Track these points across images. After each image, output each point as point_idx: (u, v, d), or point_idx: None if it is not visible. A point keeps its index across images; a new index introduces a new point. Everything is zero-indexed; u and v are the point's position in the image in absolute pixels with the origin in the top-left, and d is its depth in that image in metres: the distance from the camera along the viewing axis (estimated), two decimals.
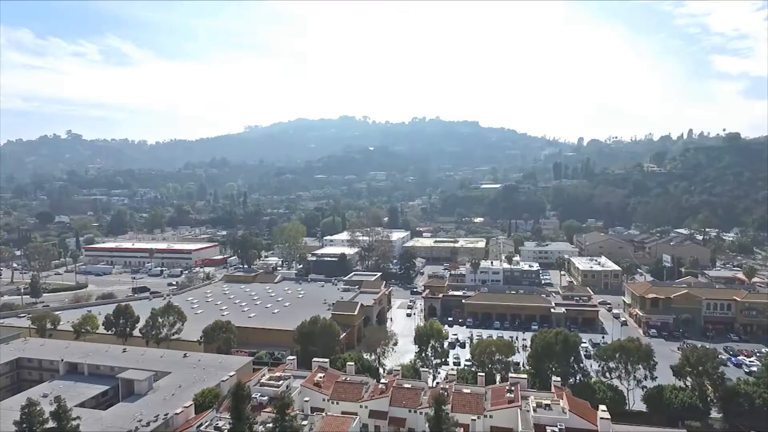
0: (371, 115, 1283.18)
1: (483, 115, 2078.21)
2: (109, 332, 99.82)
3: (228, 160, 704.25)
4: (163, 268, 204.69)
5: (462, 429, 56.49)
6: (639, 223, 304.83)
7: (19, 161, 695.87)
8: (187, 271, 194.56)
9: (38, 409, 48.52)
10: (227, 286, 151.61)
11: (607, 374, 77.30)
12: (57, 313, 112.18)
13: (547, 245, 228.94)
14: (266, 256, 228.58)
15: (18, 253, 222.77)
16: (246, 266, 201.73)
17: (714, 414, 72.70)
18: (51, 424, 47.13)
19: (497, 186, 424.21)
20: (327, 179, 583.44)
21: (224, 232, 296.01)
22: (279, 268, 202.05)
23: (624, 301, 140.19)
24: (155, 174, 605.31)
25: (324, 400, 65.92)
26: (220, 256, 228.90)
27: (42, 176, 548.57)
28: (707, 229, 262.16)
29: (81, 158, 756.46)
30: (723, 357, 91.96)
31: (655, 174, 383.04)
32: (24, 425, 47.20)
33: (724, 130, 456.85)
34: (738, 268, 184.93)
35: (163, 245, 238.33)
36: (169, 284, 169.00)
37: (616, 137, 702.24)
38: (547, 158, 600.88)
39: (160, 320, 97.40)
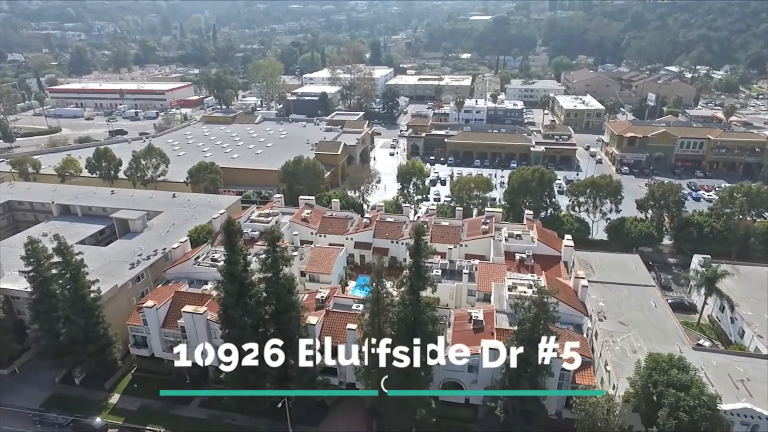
0: None
1: None
2: (93, 175, 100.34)
3: None
4: (138, 110, 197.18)
5: (439, 256, 62.25)
6: (630, 59, 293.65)
7: None
8: (163, 113, 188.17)
9: (41, 245, 51.01)
10: (207, 128, 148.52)
11: (576, 208, 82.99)
12: (36, 157, 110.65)
13: (533, 83, 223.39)
14: (244, 96, 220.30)
15: None
16: (224, 107, 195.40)
17: (666, 241, 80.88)
18: (56, 258, 50.06)
19: (487, 18, 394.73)
20: (303, 10, 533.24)
21: (196, 71, 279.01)
22: (258, 109, 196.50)
23: (602, 139, 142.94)
24: (110, 4, 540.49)
25: (312, 233, 70.53)
26: (196, 97, 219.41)
27: None
28: (698, 67, 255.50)
29: None
30: (685, 191, 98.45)
31: (656, 4, 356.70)
32: (31, 259, 50.16)
33: None
34: (719, 107, 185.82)
35: (133, 85, 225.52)
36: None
37: None
38: None
39: (143, 162, 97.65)
